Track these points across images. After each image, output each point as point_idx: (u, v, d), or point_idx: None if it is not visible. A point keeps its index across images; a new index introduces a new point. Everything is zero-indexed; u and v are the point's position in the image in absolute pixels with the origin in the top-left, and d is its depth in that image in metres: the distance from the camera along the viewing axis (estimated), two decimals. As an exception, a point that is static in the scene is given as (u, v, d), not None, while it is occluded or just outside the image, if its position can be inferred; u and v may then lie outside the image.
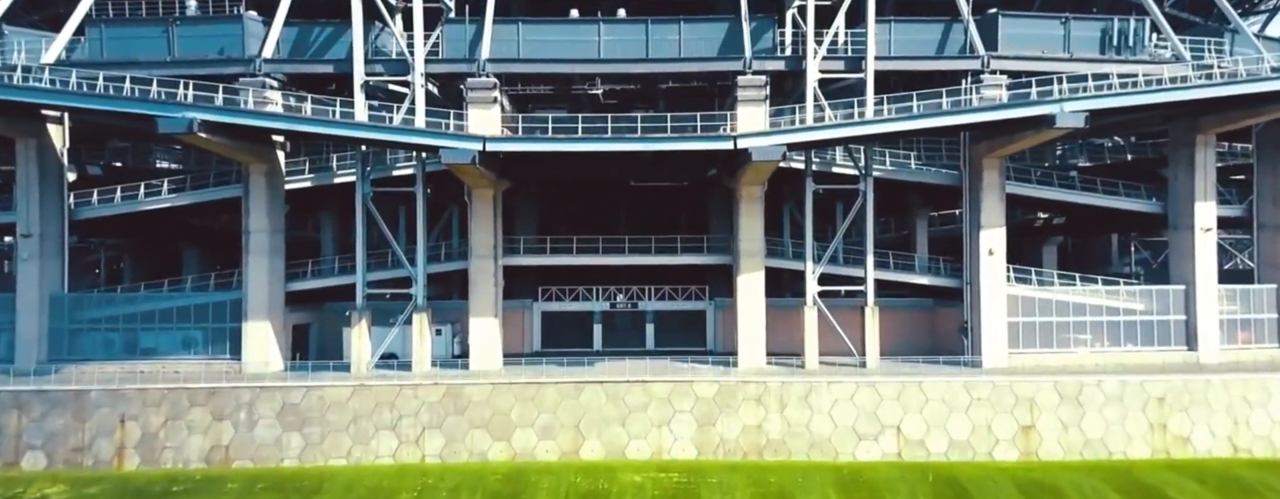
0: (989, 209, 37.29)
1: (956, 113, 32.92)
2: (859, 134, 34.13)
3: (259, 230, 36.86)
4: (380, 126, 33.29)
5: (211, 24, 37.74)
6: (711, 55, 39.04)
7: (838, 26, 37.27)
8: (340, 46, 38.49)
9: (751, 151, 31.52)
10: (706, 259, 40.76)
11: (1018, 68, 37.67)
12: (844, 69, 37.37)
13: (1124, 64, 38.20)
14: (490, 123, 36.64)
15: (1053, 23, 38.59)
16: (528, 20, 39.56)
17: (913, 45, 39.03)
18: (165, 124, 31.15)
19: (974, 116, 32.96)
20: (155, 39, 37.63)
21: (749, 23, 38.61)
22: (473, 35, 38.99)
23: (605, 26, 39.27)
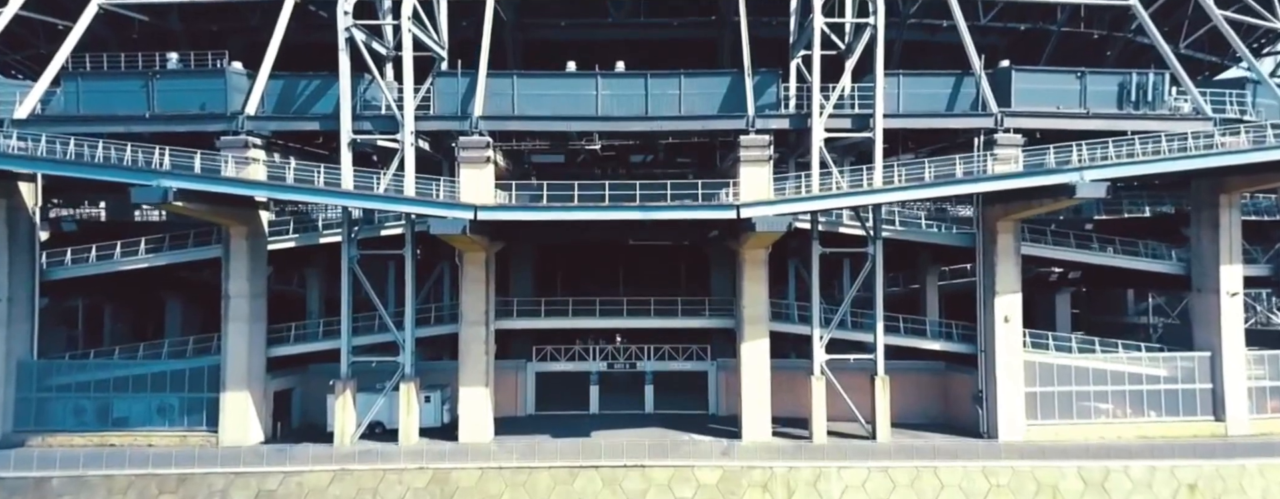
0: (1004, 275, 35.58)
1: (970, 181, 31.39)
2: (868, 202, 32.49)
3: (239, 296, 35.12)
4: (366, 195, 31.70)
5: (193, 78, 36.29)
6: (713, 111, 37.61)
7: (844, 82, 35.80)
8: (327, 100, 37.00)
9: (755, 222, 29.94)
10: (709, 322, 39.03)
11: (1032, 125, 36.25)
12: (851, 127, 35.83)
13: (1143, 120, 36.79)
14: (483, 184, 35.06)
15: (1068, 77, 37.18)
16: (523, 74, 38.16)
17: (922, 100, 37.60)
18: (139, 194, 29.63)
19: (989, 185, 31.42)
20: (134, 93, 36.14)
21: (752, 77, 37.25)
22: (465, 89, 37.57)
23: (603, 81, 37.87)
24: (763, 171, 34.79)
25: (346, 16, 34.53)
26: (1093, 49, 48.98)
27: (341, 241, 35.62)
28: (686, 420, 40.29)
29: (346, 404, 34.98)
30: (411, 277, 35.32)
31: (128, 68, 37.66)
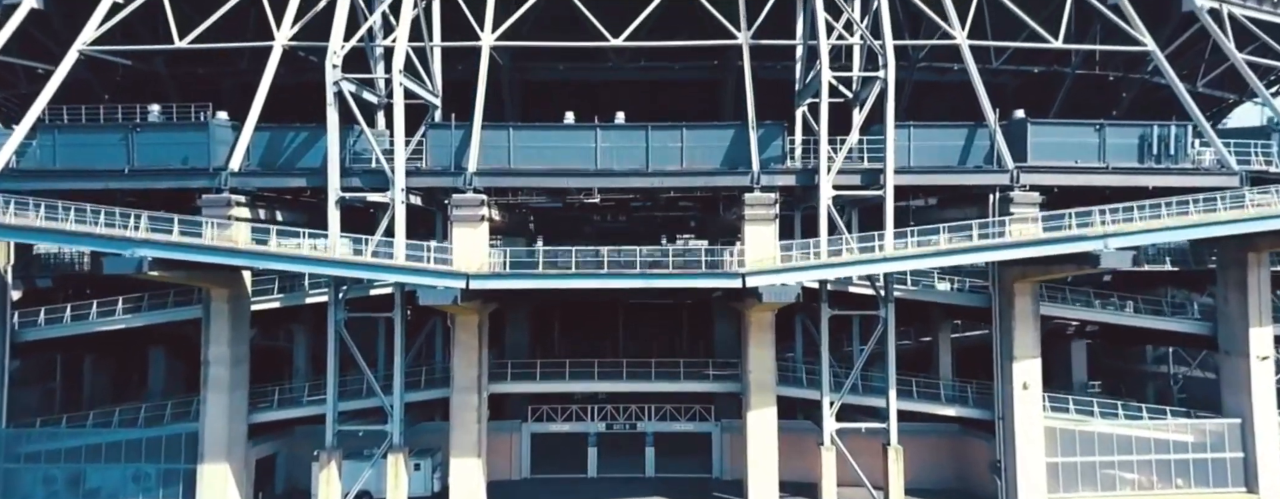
0: (1022, 339, 33.87)
1: (988, 249, 29.78)
2: (880, 271, 30.89)
3: (219, 362, 33.37)
4: (353, 263, 30.09)
5: (175, 131, 34.85)
6: (716, 164, 36.11)
7: (852, 139, 34.26)
8: (315, 153, 35.45)
9: (762, 292, 28.37)
10: (712, 387, 37.27)
11: (1050, 182, 34.73)
12: (861, 184, 34.21)
13: (1165, 176, 35.30)
14: (477, 243, 33.45)
15: (1086, 130, 35.71)
16: (520, 126, 36.73)
17: (934, 152, 36.09)
18: (112, 264, 28.13)
19: (1007, 254, 29.76)
20: (113, 146, 34.65)
21: (756, 130, 35.80)
22: (459, 142, 36.09)
23: (603, 133, 36.42)
24: (769, 231, 33.21)
25: (335, 70, 33.17)
26: (1108, 91, 47.64)
27: (329, 304, 33.96)
28: (689, 485, 38.47)
29: (331, 476, 33.16)
30: (400, 342, 33.51)
31: (108, 119, 36.24)
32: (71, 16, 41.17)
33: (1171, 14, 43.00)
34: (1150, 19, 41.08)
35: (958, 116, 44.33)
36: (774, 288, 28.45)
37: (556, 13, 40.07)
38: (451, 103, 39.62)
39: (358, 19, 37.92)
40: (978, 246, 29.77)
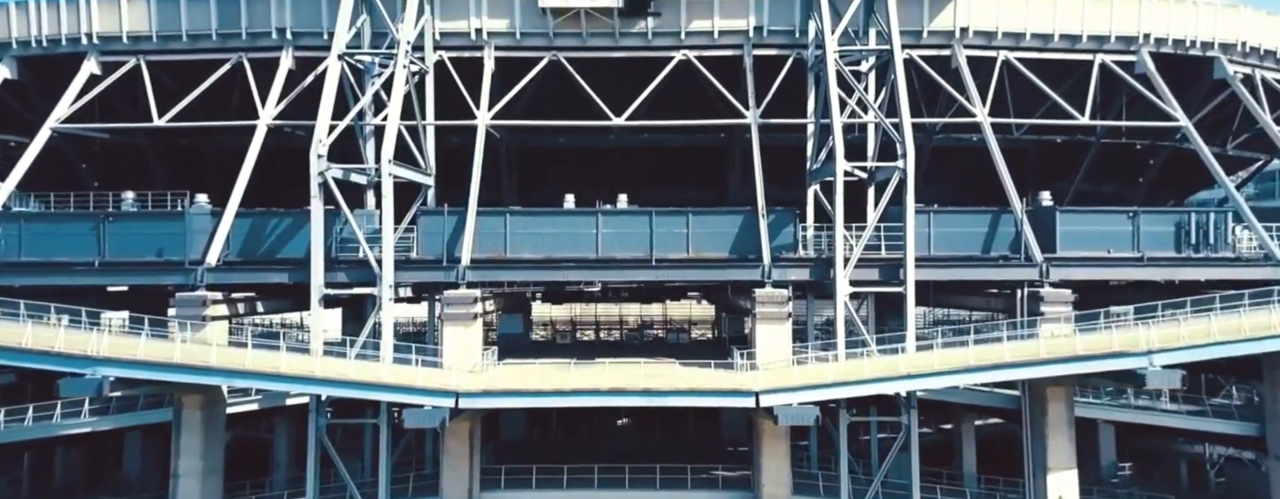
0: (1056, 447, 31.38)
1: (1021, 365, 27.37)
2: (905, 388, 28.60)
3: (189, 474, 30.79)
4: (331, 381, 27.78)
5: (150, 221, 32.87)
6: (724, 252, 34.08)
7: (868, 232, 32.12)
8: (299, 240, 33.40)
9: (778, 415, 26.12)
10: (723, 497, 34.77)
11: (1082, 277, 32.56)
12: (879, 279, 32.13)
13: (1205, 267, 33.11)
14: (470, 345, 31.33)
15: (1118, 217, 33.59)
16: (517, 212, 34.72)
17: (956, 240, 34.00)
18: (70, 387, 25.99)
19: (1041, 370, 27.39)
20: (83, 237, 32.68)
21: (766, 217, 33.74)
22: (452, 229, 34.07)
23: (604, 218, 34.41)
24: (782, 331, 31.02)
25: (321, 160, 31.25)
26: (1135, 157, 45.67)
27: (310, 411, 31.59)
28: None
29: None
30: (386, 455, 30.88)
31: (79, 204, 34.30)
32: (50, 86, 39.56)
33: (1202, 81, 41.18)
34: (1178, 84, 39.27)
35: (975, 182, 42.47)
36: (790, 411, 26.17)
37: (555, 87, 38.39)
38: (447, 172, 37.86)
39: (346, 100, 36.24)
40: (1010, 363, 27.38)
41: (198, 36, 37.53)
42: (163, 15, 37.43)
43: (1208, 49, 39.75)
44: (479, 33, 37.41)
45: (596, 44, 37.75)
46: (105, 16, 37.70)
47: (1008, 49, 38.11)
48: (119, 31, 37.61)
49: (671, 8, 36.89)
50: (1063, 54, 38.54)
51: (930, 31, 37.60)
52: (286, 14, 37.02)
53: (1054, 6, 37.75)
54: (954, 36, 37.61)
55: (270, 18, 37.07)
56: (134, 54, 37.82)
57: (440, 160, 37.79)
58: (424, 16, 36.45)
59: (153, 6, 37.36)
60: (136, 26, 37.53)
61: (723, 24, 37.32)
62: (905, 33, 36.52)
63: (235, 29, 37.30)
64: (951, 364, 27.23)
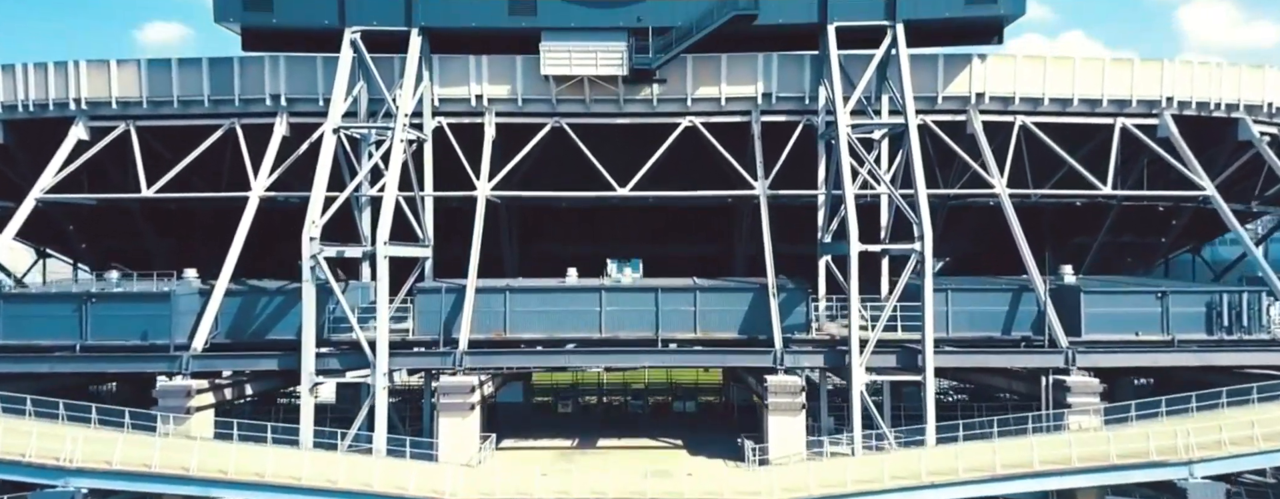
0: (1087, 546, 29.93)
1: (1055, 474, 25.78)
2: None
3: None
4: (315, 490, 26.16)
5: (134, 303, 31.47)
6: (733, 332, 32.73)
7: (885, 318, 30.68)
8: (290, 319, 32.14)
9: (794, 530, 24.67)
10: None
11: (1109, 364, 31.03)
12: (897, 366, 30.69)
13: (1239, 352, 31.60)
14: (467, 437, 29.85)
15: (1146, 298, 32.13)
16: (517, 289, 33.36)
17: (976, 318, 32.61)
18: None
19: (1075, 480, 25.85)
20: (66, 319, 31.33)
21: (777, 295, 32.37)
22: (450, 307, 32.74)
23: (608, 295, 33.11)
24: (795, 423, 29.56)
25: (314, 243, 29.97)
26: (1157, 218, 44.36)
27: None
28: None
29: None
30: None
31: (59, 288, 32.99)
32: (37, 150, 38.40)
33: (1225, 141, 39.96)
34: (1199, 144, 38.02)
35: (990, 238, 41.20)
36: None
37: (557, 152, 37.20)
38: (446, 229, 36.69)
39: (342, 169, 35.08)
40: (1039, 472, 25.73)
41: (189, 102, 36.48)
42: (153, 80, 36.39)
43: (1232, 111, 38.57)
44: (479, 99, 36.34)
45: (600, 110, 36.67)
46: (94, 81, 36.65)
47: (1025, 114, 36.96)
48: (108, 96, 36.55)
49: (677, 74, 35.79)
50: (1082, 118, 37.38)
51: (945, 97, 36.44)
52: (281, 80, 36.00)
53: (1073, 71, 36.62)
54: (969, 102, 36.44)
55: (264, 84, 36.05)
56: (123, 119, 36.76)
57: (439, 216, 36.64)
58: (423, 84, 35.40)
59: (143, 71, 36.35)
60: (126, 92, 36.49)
61: (730, 91, 36.22)
62: (919, 98, 35.40)
63: (228, 95, 36.23)
64: (977, 468, 25.68)
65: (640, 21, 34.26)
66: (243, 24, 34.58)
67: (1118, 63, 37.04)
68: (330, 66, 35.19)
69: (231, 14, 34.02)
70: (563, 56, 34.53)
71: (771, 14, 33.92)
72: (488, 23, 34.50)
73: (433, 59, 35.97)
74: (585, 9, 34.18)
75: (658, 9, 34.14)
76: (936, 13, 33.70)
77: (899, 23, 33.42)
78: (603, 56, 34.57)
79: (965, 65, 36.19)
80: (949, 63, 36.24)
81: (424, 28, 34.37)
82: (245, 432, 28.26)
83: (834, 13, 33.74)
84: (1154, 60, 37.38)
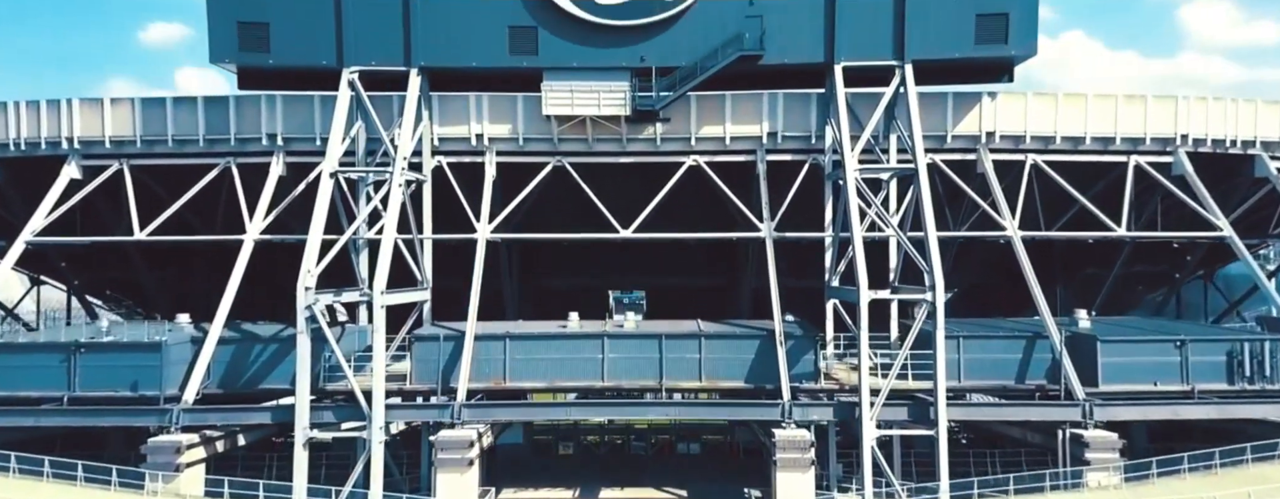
0: (1107, 607, 28.98)
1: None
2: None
3: None
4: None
5: (125, 353, 30.57)
6: (740, 381, 31.83)
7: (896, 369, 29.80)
8: (285, 368, 31.27)
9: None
10: None
11: (1127, 418, 30.10)
12: (908, 419, 29.73)
13: (1261, 403, 30.65)
14: (464, 494, 28.93)
15: (1165, 347, 31.15)
16: (517, 336, 32.46)
17: (988, 366, 31.64)
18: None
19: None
20: (54, 369, 30.48)
21: (784, 343, 31.50)
22: (448, 356, 31.90)
23: (610, 342, 32.22)
24: (805, 480, 28.64)
25: (309, 292, 29.08)
26: (1170, 253, 43.52)
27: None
28: None
29: None
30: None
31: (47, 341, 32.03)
32: (29, 188, 37.71)
33: (1240, 176, 39.15)
34: (1213, 179, 37.19)
35: (1000, 270, 40.39)
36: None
37: (558, 191, 36.47)
38: (445, 266, 35.87)
39: (338, 210, 34.37)
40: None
41: (184, 141, 35.82)
42: (147, 119, 35.76)
43: (1248, 147, 37.81)
44: (480, 138, 35.65)
45: (603, 150, 35.96)
46: (87, 119, 36.03)
47: (1036, 152, 36.17)
48: (101, 135, 35.91)
49: (681, 113, 35.09)
50: (1095, 156, 36.60)
51: (954, 136, 35.71)
52: (277, 120, 35.33)
53: (1085, 109, 35.88)
54: (979, 141, 35.70)
55: (260, 123, 35.38)
56: (117, 158, 36.10)
57: (439, 249, 35.88)
58: (422, 123, 34.73)
59: (137, 110, 35.72)
60: (119, 130, 35.85)
61: (734, 130, 35.50)
62: (928, 137, 34.66)
63: (223, 134, 35.59)
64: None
65: (643, 61, 33.62)
66: (238, 64, 33.97)
67: (1131, 100, 36.31)
68: (328, 105, 34.59)
69: (227, 55, 33.39)
70: (565, 96, 33.86)
71: (777, 54, 33.29)
72: (488, 63, 33.91)
73: (432, 98, 35.34)
74: (587, 49, 33.55)
75: (661, 49, 33.52)
76: (945, 53, 33.01)
77: (907, 63, 32.75)
78: (605, 97, 33.90)
79: (975, 104, 35.48)
80: (958, 101, 35.56)
81: (423, 67, 33.78)
82: (237, 490, 27.40)
83: (841, 52, 33.08)
84: (1168, 97, 36.67)
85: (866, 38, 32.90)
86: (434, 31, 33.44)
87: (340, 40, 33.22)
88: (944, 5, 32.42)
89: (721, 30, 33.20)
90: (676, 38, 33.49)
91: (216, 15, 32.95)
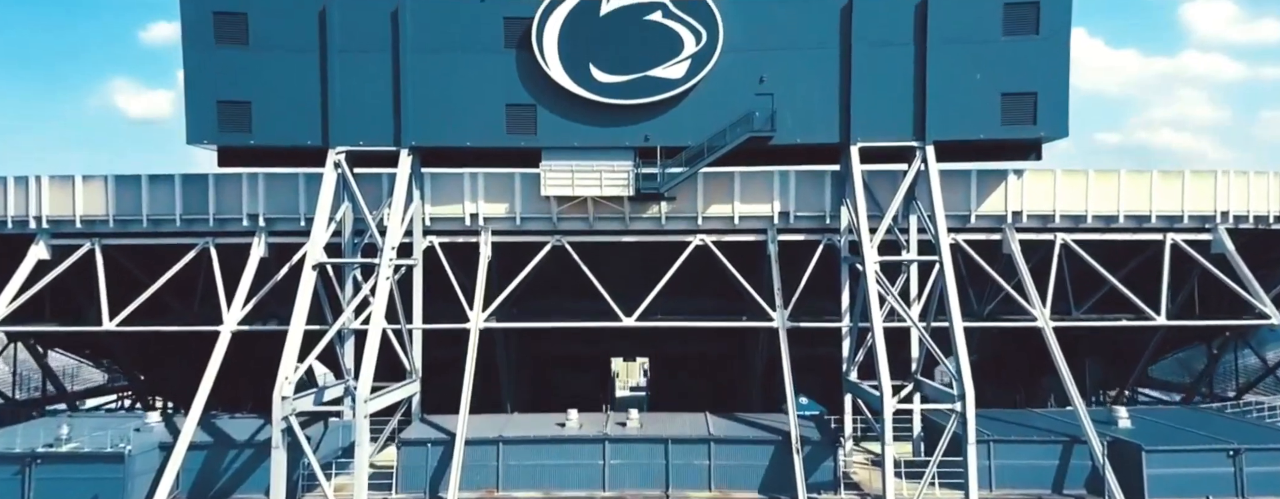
0: None
1: None
2: None
3: None
4: None
5: (84, 464, 28.01)
6: (753, 491, 29.22)
7: (924, 482, 27.39)
8: (258, 477, 28.83)
9: None
10: None
11: (1181, 539, 27.66)
12: (939, 540, 27.35)
13: (1321, 517, 28.19)
14: (450, 624, 26.48)
15: (1217, 456, 28.57)
16: (510, 440, 29.91)
17: (1022, 474, 29.12)
18: None
19: None
20: (7, 482, 28.05)
21: (800, 449, 29.04)
22: (436, 462, 29.48)
23: (612, 447, 29.76)
24: (826, 610, 26.16)
25: (285, 402, 26.74)
26: (1208, 331, 41.15)
27: None
28: None
29: None
30: None
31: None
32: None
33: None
34: (1253, 255, 34.96)
35: (1026, 348, 38.17)
36: None
37: (556, 270, 34.29)
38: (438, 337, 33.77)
39: (322, 304, 32.20)
40: None
41: (160, 220, 33.72)
42: (121, 197, 33.68)
43: (1292, 223, 35.64)
44: (474, 217, 33.55)
45: (605, 228, 33.85)
46: (56, 197, 33.95)
47: (1066, 231, 34.05)
48: (71, 214, 33.84)
49: (687, 191, 32.98)
50: (1129, 235, 34.42)
51: (979, 215, 33.53)
52: (259, 199, 33.28)
53: (1118, 186, 33.74)
54: (1005, 220, 33.51)
55: (242, 203, 33.32)
56: (88, 237, 34.04)
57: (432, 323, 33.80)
58: (413, 204, 32.65)
59: (109, 188, 33.63)
60: (91, 210, 33.77)
61: (743, 209, 33.39)
62: (951, 216, 32.57)
63: (202, 213, 33.51)
64: None
65: (648, 140, 31.58)
66: (219, 145, 31.98)
67: (1167, 176, 34.19)
68: (313, 183, 32.58)
69: (206, 136, 31.39)
70: (564, 177, 31.81)
71: (788, 134, 31.25)
72: (484, 142, 31.87)
73: (424, 176, 33.33)
74: (589, 127, 31.52)
75: (666, 128, 31.48)
76: (970, 134, 30.96)
77: (929, 144, 30.70)
78: (607, 177, 31.83)
79: (1000, 182, 33.35)
80: (982, 179, 33.45)
81: (415, 147, 31.77)
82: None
83: (857, 133, 31.04)
84: (1206, 172, 34.55)
85: (885, 117, 30.88)
86: (426, 110, 31.48)
87: (326, 119, 31.25)
88: (968, 85, 30.37)
89: (729, 110, 31.21)
90: (682, 116, 31.49)
91: (194, 94, 30.99)
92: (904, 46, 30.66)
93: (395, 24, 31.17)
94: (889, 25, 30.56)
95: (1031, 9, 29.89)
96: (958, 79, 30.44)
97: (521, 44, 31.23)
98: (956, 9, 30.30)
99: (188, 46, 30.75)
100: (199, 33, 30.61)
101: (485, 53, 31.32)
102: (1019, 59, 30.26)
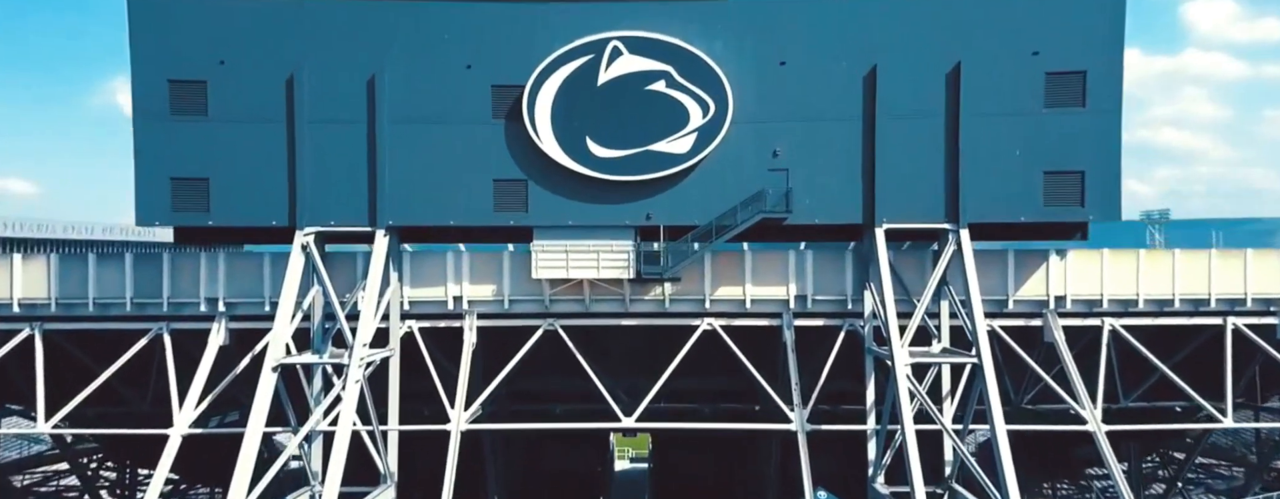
0: None
1: None
2: None
3: None
4: None
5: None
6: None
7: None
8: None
9: None
10: None
11: None
12: None
13: None
14: None
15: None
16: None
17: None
18: None
19: None
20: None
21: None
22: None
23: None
24: None
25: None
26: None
27: None
28: None
29: None
30: None
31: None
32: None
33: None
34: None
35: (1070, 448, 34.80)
36: None
37: (549, 352, 30.99)
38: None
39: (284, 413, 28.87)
40: None
41: (108, 304, 30.39)
42: (64, 278, 30.31)
43: (1366, 302, 32.36)
44: (458, 300, 30.30)
45: (603, 311, 30.59)
46: (-7, 279, 30.86)
47: (1114, 316, 30.74)
48: (9, 296, 30.46)
49: (694, 271, 29.77)
50: (1184, 320, 31.10)
51: (1017, 300, 30.27)
52: (219, 282, 29.97)
53: (1172, 269, 30.49)
54: (1047, 306, 30.24)
55: (200, 286, 30.06)
56: (27, 322, 30.68)
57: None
58: (391, 287, 29.43)
59: (52, 269, 30.31)
60: (31, 292, 30.40)
61: (755, 292, 30.11)
62: (987, 301, 29.24)
63: (155, 297, 30.23)
64: None
65: (650, 219, 28.43)
66: (174, 226, 28.87)
67: (1226, 256, 31.00)
68: (279, 264, 29.33)
69: (157, 217, 28.34)
70: (558, 259, 28.62)
71: (805, 214, 28.12)
72: (470, 221, 28.75)
73: (403, 254, 30.21)
74: (585, 205, 28.42)
75: (670, 206, 28.35)
76: (1009, 216, 27.83)
77: (963, 228, 27.55)
78: (605, 258, 28.65)
79: (1041, 264, 30.13)
80: (1021, 261, 30.23)
81: (392, 226, 28.66)
82: None
83: (883, 214, 27.88)
84: (1271, 250, 31.36)
85: (913, 197, 27.77)
86: (406, 186, 28.39)
87: (294, 198, 28.15)
88: (1007, 162, 27.27)
89: (739, 186, 28.11)
90: (687, 193, 28.38)
91: (146, 170, 27.89)
92: (934, 119, 27.61)
93: (371, 92, 28.21)
94: (917, 95, 27.55)
95: (1077, 78, 26.89)
96: (995, 155, 27.35)
97: (511, 115, 28.25)
98: (993, 78, 27.29)
99: (139, 119, 27.69)
100: (152, 104, 27.60)
101: (471, 124, 28.31)
102: (1064, 134, 27.20)
